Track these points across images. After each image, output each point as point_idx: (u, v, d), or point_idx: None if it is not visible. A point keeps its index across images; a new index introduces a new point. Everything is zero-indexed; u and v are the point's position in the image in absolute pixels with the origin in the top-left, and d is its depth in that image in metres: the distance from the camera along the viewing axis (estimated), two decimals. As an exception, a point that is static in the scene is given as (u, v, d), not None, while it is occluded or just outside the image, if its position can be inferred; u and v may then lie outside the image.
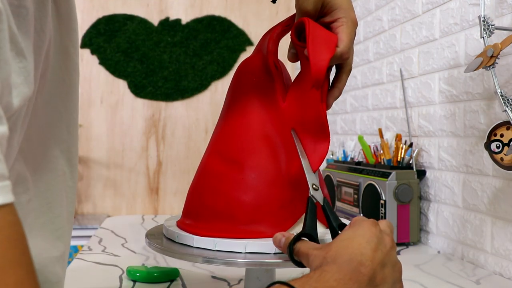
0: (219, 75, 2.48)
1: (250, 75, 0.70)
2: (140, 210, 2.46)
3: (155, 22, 2.45)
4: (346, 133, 1.76)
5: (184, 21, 2.46)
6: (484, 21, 0.85)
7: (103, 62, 2.42)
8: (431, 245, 1.17)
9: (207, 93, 2.48)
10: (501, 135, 0.88)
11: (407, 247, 1.16)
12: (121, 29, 2.42)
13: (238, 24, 2.49)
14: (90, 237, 1.49)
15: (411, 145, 1.23)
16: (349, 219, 0.77)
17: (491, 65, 0.82)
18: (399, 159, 1.23)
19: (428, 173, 1.19)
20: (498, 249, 0.95)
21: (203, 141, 2.47)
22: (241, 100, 0.69)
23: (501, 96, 0.82)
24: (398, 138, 1.28)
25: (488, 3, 0.97)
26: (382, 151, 1.28)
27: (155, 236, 0.70)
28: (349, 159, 1.53)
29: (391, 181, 1.14)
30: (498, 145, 0.89)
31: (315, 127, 0.63)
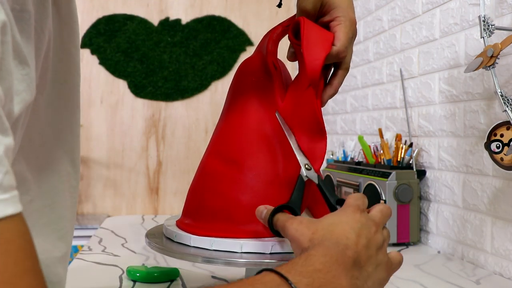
0: (219, 75, 2.48)
1: (249, 75, 0.70)
2: (140, 210, 2.46)
3: (155, 22, 2.45)
4: (346, 133, 1.76)
5: (184, 21, 2.46)
6: (484, 21, 0.85)
7: (103, 62, 2.42)
8: (431, 245, 1.17)
9: (207, 93, 2.48)
10: (501, 135, 0.88)
11: (407, 247, 1.16)
12: (121, 29, 2.42)
13: (238, 24, 2.49)
14: (90, 237, 1.49)
15: (411, 145, 1.23)
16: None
17: (491, 65, 0.82)
18: (399, 159, 1.23)
19: (428, 173, 1.19)
20: (498, 249, 0.95)
21: (203, 141, 2.47)
22: (240, 100, 0.69)
23: (501, 96, 0.82)
24: (398, 138, 1.28)
25: (488, 3, 0.97)
26: (382, 151, 1.28)
27: (155, 236, 0.70)
28: (349, 159, 1.53)
29: (391, 181, 1.14)
30: (498, 145, 0.89)
31: (311, 125, 0.63)
